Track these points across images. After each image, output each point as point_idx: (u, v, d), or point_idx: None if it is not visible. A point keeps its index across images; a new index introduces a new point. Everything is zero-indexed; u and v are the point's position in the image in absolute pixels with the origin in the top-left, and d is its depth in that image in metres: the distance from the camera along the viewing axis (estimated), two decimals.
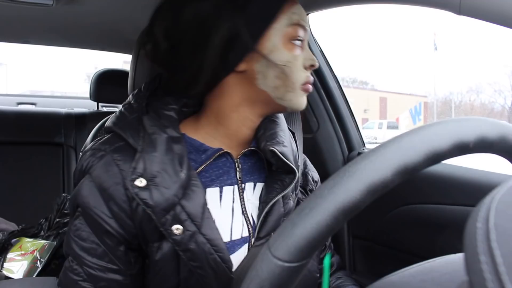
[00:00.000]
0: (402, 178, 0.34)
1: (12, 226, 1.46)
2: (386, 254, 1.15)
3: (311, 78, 0.71)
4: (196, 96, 0.74)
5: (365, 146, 1.40)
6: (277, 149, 0.71)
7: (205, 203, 0.66)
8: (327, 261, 0.59)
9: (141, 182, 0.62)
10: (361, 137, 1.41)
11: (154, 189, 0.62)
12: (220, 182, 0.72)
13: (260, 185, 0.76)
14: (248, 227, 0.72)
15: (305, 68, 0.70)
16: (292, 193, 0.77)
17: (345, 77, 39.37)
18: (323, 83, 1.37)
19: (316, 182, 0.89)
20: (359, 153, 1.34)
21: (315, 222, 0.33)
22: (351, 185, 0.34)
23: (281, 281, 0.34)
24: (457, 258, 0.40)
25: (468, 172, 1.00)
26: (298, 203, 0.80)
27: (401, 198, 1.09)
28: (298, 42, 0.69)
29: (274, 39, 0.67)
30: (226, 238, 0.69)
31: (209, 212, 0.67)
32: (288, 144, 0.75)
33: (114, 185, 0.64)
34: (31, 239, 1.35)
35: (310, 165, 0.91)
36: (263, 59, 0.67)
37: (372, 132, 21.22)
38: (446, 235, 0.84)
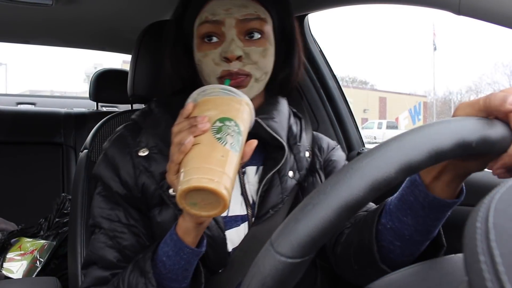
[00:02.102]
0: (405, 175, 0.34)
1: (11, 226, 1.46)
2: None
3: (229, 72, 0.71)
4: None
5: (364, 146, 1.40)
6: (263, 121, 0.74)
7: None
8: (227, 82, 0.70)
9: (143, 152, 0.73)
10: (360, 137, 1.41)
11: (154, 157, 0.72)
12: None
13: (262, 168, 0.79)
14: (246, 207, 0.76)
15: (223, 61, 0.72)
16: (295, 172, 0.79)
17: (344, 77, 39.42)
18: (322, 83, 1.38)
19: (324, 148, 0.88)
20: (358, 153, 1.34)
21: (318, 218, 0.33)
22: (355, 182, 0.34)
23: (284, 277, 0.34)
24: (458, 258, 0.40)
25: None
26: (302, 184, 0.81)
27: None
28: (209, 39, 0.73)
29: (194, 42, 0.75)
30: None
31: None
32: (279, 121, 0.78)
33: (123, 156, 0.74)
34: (31, 239, 1.35)
35: (318, 138, 0.90)
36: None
37: (371, 132, 21.23)
38: (446, 235, 0.84)
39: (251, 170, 0.78)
